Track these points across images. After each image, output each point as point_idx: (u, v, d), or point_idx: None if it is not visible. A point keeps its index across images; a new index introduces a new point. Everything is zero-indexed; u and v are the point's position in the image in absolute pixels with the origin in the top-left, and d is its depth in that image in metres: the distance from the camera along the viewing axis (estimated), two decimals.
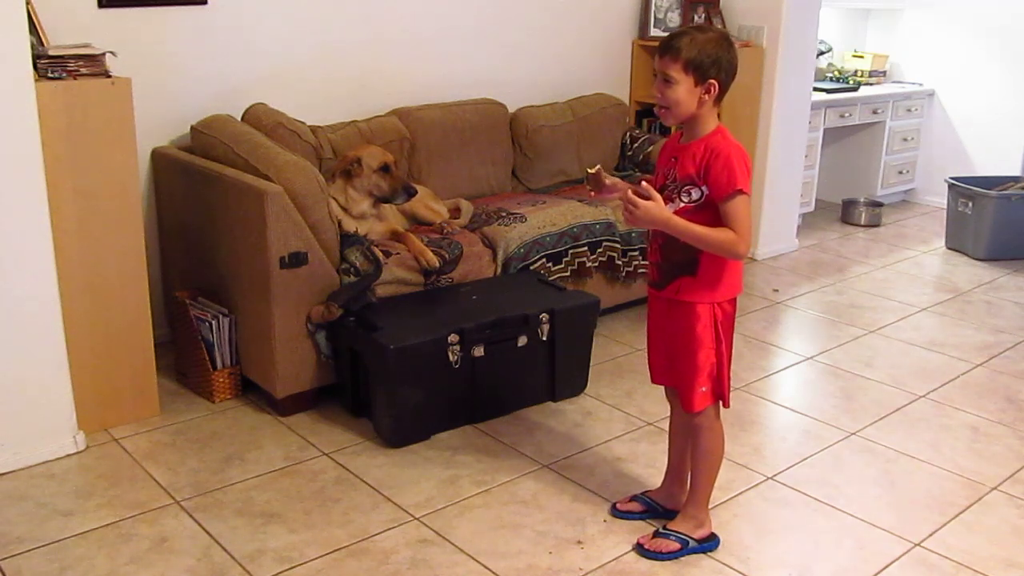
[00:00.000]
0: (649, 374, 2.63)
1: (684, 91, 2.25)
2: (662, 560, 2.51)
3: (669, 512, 2.67)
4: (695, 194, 2.30)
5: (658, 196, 2.26)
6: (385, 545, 2.56)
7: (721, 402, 2.49)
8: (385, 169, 3.46)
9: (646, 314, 2.59)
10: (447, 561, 2.50)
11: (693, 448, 2.56)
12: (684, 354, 2.43)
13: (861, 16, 6.73)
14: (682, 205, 2.32)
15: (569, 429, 3.25)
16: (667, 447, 2.73)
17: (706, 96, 2.27)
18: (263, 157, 3.24)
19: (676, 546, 2.53)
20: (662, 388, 2.67)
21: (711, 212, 2.30)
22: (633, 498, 2.75)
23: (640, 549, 2.54)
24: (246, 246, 3.19)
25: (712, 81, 2.25)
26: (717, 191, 2.27)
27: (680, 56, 2.23)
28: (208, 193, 3.34)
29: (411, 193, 3.50)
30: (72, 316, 2.93)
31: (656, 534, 2.57)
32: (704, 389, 2.43)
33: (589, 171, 2.44)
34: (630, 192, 2.27)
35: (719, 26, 5.02)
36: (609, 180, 2.46)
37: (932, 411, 3.47)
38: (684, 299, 2.39)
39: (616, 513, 2.72)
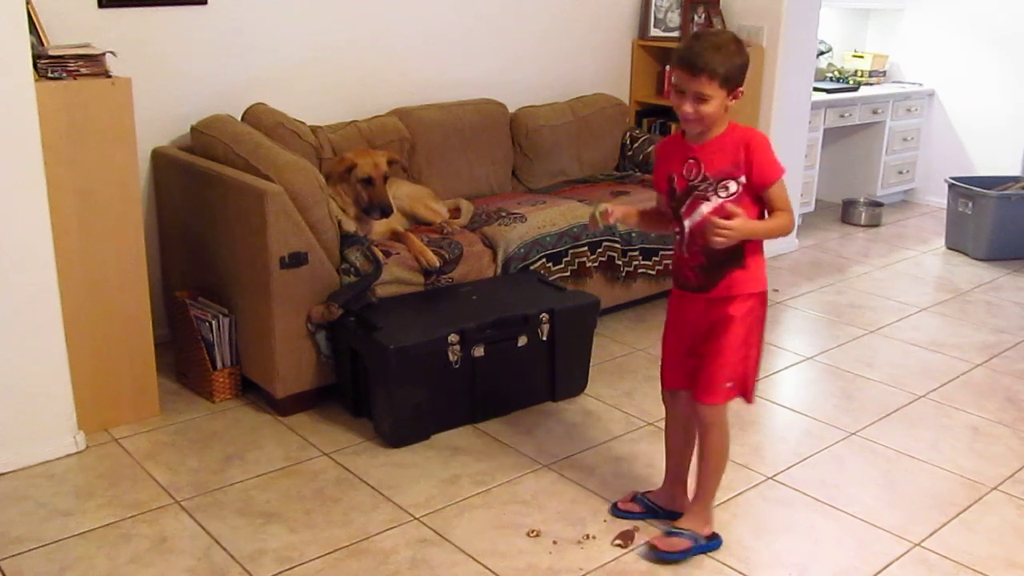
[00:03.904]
0: (662, 379, 2.62)
1: (717, 104, 2.28)
2: (675, 560, 2.50)
3: (669, 513, 2.67)
4: (732, 187, 2.32)
5: (740, 210, 2.29)
6: (385, 545, 2.56)
7: (743, 398, 2.50)
8: (368, 182, 3.43)
9: (667, 318, 2.58)
10: (447, 561, 2.50)
11: (702, 446, 2.55)
12: (723, 350, 2.42)
13: (861, 16, 6.73)
14: (720, 201, 2.33)
15: (569, 429, 3.25)
16: (665, 449, 2.73)
17: (732, 100, 2.30)
18: (263, 157, 3.24)
19: (688, 543, 2.52)
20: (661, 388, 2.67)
21: (746, 201, 2.33)
22: (634, 498, 2.75)
23: (655, 552, 2.51)
24: (246, 246, 3.19)
25: (740, 88, 2.29)
26: (763, 179, 2.32)
27: (717, 75, 2.24)
28: (208, 193, 3.34)
29: (384, 212, 3.43)
30: (72, 316, 2.93)
31: (668, 533, 2.56)
32: (729, 385, 2.44)
33: (598, 212, 2.48)
34: (715, 218, 2.28)
35: (719, 26, 5.03)
36: (619, 213, 2.50)
37: (932, 411, 3.47)
38: (739, 293, 2.40)
39: (617, 512, 2.72)
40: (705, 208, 2.34)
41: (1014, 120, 6.09)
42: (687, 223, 2.40)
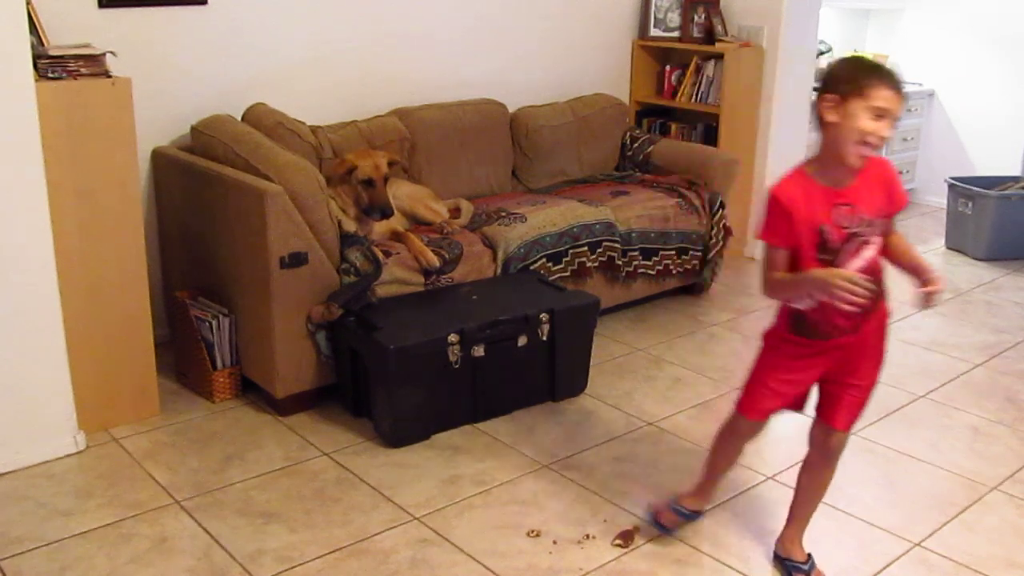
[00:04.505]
0: (752, 411, 2.44)
1: None
2: None
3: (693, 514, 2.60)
4: (880, 223, 2.23)
5: (934, 273, 2.24)
6: (385, 545, 2.56)
7: None
8: (368, 183, 3.42)
9: (770, 360, 2.41)
10: (447, 561, 2.50)
11: (824, 476, 2.45)
12: (874, 377, 2.36)
13: (861, 16, 6.73)
14: (879, 241, 2.23)
15: (569, 429, 3.25)
16: (718, 462, 2.56)
17: None
18: (263, 157, 3.25)
19: None
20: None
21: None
22: (670, 508, 2.59)
23: None
24: (246, 246, 3.19)
25: None
26: (902, 206, 2.28)
27: None
28: (208, 193, 3.34)
29: (385, 214, 3.43)
30: (72, 316, 2.93)
31: (797, 571, 2.46)
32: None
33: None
34: (934, 291, 2.23)
35: (719, 26, 5.03)
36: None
37: (932, 411, 3.47)
38: (883, 317, 2.37)
39: (662, 529, 2.59)
40: (869, 252, 2.19)
41: (1014, 120, 6.09)
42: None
